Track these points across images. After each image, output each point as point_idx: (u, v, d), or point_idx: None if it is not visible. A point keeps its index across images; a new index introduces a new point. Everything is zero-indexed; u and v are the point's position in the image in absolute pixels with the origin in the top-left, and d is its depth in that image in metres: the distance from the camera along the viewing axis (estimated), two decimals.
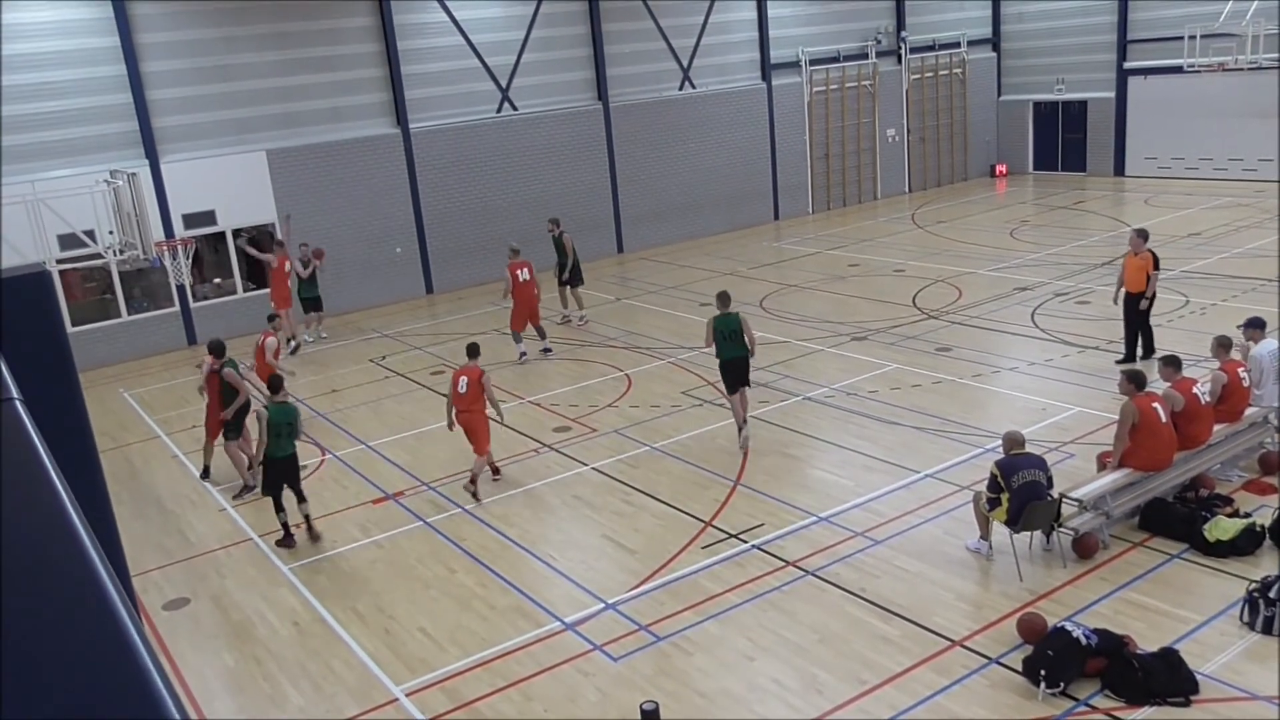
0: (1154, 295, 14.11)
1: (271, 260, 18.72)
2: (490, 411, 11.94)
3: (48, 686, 1.07)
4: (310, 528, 11.16)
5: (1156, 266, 14.11)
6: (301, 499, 11.14)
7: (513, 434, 13.79)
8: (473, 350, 12.38)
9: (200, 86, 20.01)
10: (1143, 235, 14.14)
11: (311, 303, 19.33)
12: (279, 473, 10.99)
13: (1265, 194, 25.13)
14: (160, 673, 1.10)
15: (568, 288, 18.97)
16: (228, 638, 9.45)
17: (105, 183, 15.28)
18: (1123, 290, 14.29)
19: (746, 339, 12.26)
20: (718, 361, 12.47)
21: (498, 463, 12.55)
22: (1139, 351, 14.24)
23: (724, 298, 12.65)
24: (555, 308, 19.35)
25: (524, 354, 16.97)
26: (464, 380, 11.84)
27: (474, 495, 11.75)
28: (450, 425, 12.02)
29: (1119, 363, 14.03)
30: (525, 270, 16.84)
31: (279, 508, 11.04)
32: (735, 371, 12.31)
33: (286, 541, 11.08)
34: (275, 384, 11.17)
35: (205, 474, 13.24)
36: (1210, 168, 27.85)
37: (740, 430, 12.47)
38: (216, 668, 9.00)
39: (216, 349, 12.65)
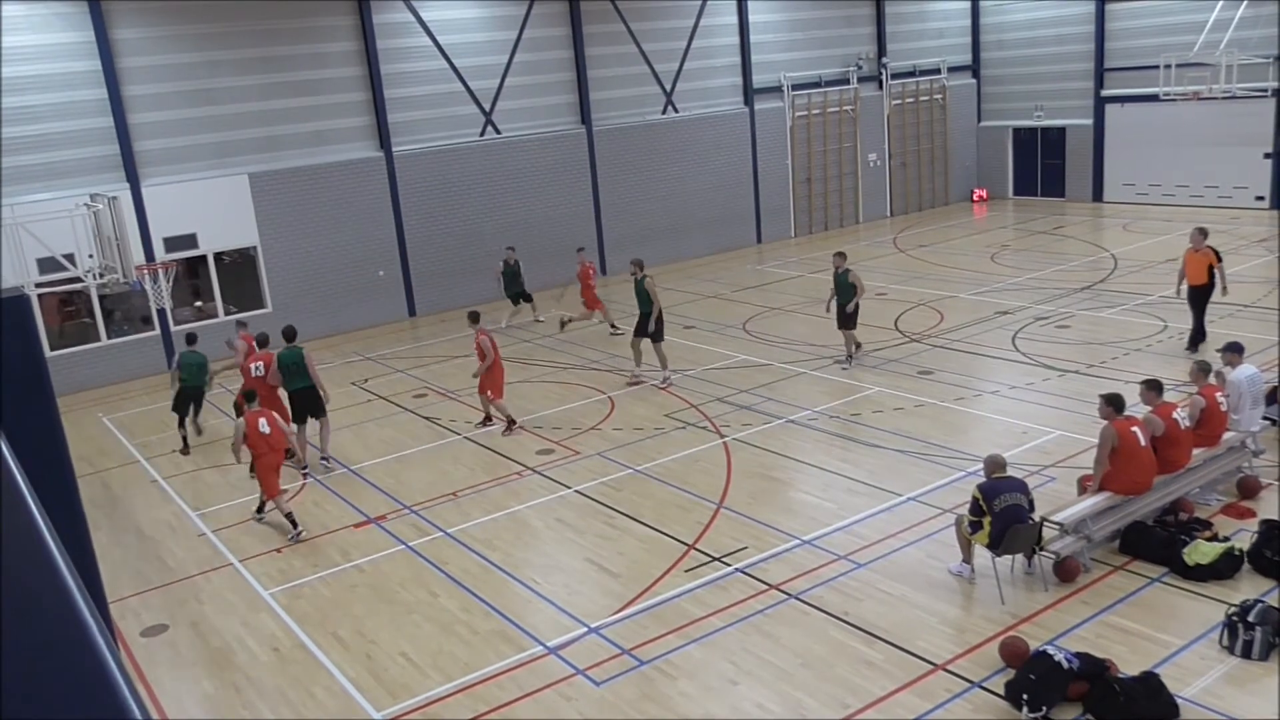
0: (1225, 286, 15.48)
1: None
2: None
3: (23, 715, 1.06)
4: (196, 427, 15.51)
5: (1219, 259, 15.50)
6: (197, 411, 15.51)
7: (496, 457, 13.77)
8: (475, 316, 15.29)
9: (182, 110, 19.99)
10: (1203, 233, 15.49)
11: (514, 295, 21.00)
12: (185, 397, 15.09)
13: (1240, 220, 25.43)
14: (137, 701, 1.09)
15: (646, 340, 16.21)
16: (207, 665, 9.35)
17: (85, 206, 15.20)
18: (1184, 284, 15.65)
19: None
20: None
21: (478, 484, 12.60)
22: (1186, 342, 15.60)
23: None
24: (627, 365, 17.06)
25: None
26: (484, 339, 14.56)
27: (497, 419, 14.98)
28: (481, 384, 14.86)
29: (1188, 348, 15.37)
30: None
31: (182, 424, 15.10)
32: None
33: (185, 450, 15.05)
34: (190, 337, 15.35)
35: (260, 509, 12.42)
36: (1186, 194, 28.19)
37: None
38: (195, 695, 8.90)
39: (273, 338, 14.50)
